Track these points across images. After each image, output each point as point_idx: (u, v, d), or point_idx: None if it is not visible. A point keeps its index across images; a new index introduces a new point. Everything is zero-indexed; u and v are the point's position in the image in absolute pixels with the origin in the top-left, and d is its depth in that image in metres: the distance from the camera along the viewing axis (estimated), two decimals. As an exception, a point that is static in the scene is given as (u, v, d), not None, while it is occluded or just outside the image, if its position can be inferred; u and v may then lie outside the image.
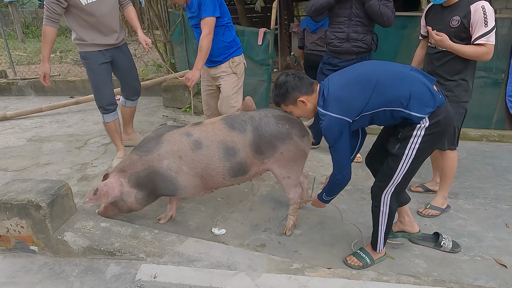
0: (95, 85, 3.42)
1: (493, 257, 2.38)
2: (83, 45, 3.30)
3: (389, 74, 2.01)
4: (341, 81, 2.06)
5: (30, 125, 4.80)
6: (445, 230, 2.62)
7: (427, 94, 1.96)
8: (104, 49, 3.33)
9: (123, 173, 2.46)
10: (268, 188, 3.23)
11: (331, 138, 2.03)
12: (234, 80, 3.22)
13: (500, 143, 4.07)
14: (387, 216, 2.23)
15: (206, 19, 2.92)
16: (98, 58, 3.33)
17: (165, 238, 2.35)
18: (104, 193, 2.39)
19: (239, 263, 2.15)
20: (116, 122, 3.59)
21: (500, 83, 4.23)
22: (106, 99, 3.46)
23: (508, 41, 4.08)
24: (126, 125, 3.98)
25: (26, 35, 12.34)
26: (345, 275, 2.03)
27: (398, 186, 2.15)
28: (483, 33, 2.40)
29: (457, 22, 2.48)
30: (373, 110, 1.99)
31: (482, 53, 2.46)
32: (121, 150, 3.66)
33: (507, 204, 2.93)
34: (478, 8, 2.40)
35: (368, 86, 1.97)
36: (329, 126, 2.00)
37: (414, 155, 2.03)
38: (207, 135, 2.40)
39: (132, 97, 3.76)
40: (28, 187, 2.35)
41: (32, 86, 6.28)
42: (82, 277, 2.17)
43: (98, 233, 2.36)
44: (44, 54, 3.26)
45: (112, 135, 3.62)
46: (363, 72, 2.06)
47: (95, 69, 3.35)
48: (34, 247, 2.36)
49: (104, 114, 3.53)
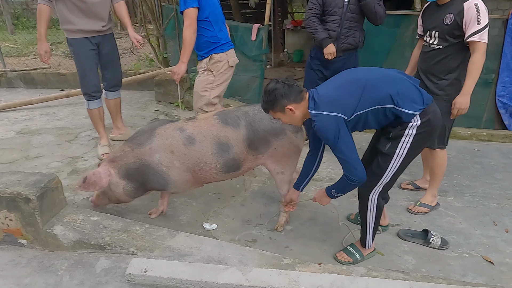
0: (81, 70, 3.44)
1: (481, 254, 2.42)
2: (70, 31, 3.32)
3: (376, 75, 2.03)
4: (330, 85, 2.07)
5: (19, 117, 4.74)
6: (434, 227, 2.66)
7: (414, 91, 1.99)
8: (91, 36, 3.36)
9: (113, 163, 2.46)
10: (260, 184, 3.23)
11: (329, 137, 1.95)
12: (207, 78, 3.16)
13: (489, 142, 4.12)
14: (375, 214, 2.25)
15: (185, 12, 2.90)
16: (86, 44, 3.36)
17: (156, 232, 2.34)
18: (92, 182, 2.40)
19: (230, 258, 2.15)
20: (100, 110, 3.63)
21: (490, 83, 4.28)
22: (92, 85, 3.48)
23: (499, 42, 4.12)
24: (114, 119, 3.94)
25: (16, 27, 12.13)
26: (335, 270, 2.04)
27: (386, 185, 2.17)
28: (476, 30, 2.40)
29: (450, 20, 2.50)
30: (366, 109, 1.97)
31: (481, 54, 2.44)
32: (104, 138, 3.69)
33: (495, 202, 2.97)
34: (471, 6, 2.42)
35: (358, 87, 1.97)
36: (323, 125, 1.94)
37: (405, 154, 2.04)
38: (200, 131, 2.39)
39: (113, 88, 3.73)
40: (18, 180, 2.33)
41: (21, 78, 6.19)
42: (71, 270, 2.16)
43: (89, 226, 2.34)
44: (41, 32, 3.26)
45: (96, 122, 3.66)
46: (352, 76, 2.07)
47: (82, 54, 3.38)
48: (23, 240, 2.33)
49: (89, 100, 3.55)
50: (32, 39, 9.93)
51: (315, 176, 3.33)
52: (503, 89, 4.20)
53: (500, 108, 4.25)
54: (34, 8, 14.27)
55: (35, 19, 11.76)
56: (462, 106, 2.55)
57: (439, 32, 2.59)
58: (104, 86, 3.74)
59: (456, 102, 2.56)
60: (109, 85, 3.72)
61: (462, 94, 2.54)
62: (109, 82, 3.70)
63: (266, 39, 4.56)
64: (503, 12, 6.16)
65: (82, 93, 3.58)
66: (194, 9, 2.90)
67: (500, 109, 4.25)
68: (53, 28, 12.19)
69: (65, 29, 3.35)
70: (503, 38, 4.08)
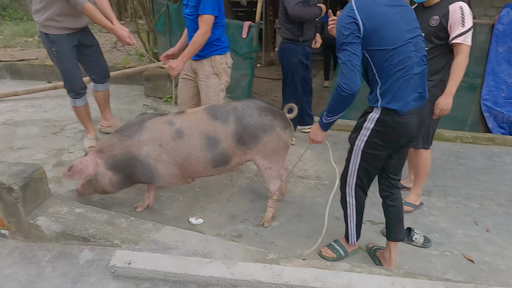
0: (66, 68, 3.31)
1: (462, 253, 2.47)
2: (53, 27, 3.15)
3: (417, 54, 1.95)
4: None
5: (4, 108, 4.65)
6: (417, 226, 2.70)
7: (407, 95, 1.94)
8: (72, 33, 3.24)
9: (100, 153, 2.44)
10: (247, 180, 3.24)
11: (340, 35, 1.87)
12: (215, 82, 3.10)
13: (473, 145, 4.20)
14: (355, 208, 2.28)
15: (205, 17, 2.84)
16: (70, 41, 3.24)
17: (141, 225, 2.33)
18: (78, 170, 2.37)
19: (215, 252, 2.15)
20: (87, 105, 3.56)
21: (476, 87, 4.37)
22: (78, 83, 3.39)
23: (485, 47, 4.21)
24: (103, 111, 3.87)
25: (3, 18, 11.92)
26: (319, 266, 2.06)
27: (358, 178, 2.18)
28: (460, 32, 2.46)
29: (436, 22, 2.54)
30: (374, 47, 1.89)
31: (465, 56, 2.50)
32: (91, 132, 3.62)
33: (477, 203, 3.03)
34: (456, 9, 2.47)
35: (393, 25, 1.88)
36: (342, 16, 1.88)
37: (363, 147, 2.07)
38: (189, 125, 2.39)
39: (102, 79, 3.65)
40: (1, 169, 2.29)
41: (7, 69, 6.07)
42: (54, 262, 2.13)
43: (73, 218, 2.32)
44: (107, 25, 3.12)
45: (83, 118, 3.58)
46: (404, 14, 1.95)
47: (67, 52, 3.24)
48: (4, 231, 2.30)
49: (76, 98, 3.45)
50: (19, 31, 9.76)
51: (302, 174, 3.37)
52: (488, 93, 4.29)
53: (485, 112, 4.34)
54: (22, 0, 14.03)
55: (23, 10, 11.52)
56: (445, 107, 2.60)
57: (425, 34, 2.59)
58: (92, 79, 3.66)
59: (438, 102, 2.61)
60: (98, 77, 3.64)
61: (445, 94, 2.59)
62: (98, 74, 3.62)
63: (257, 36, 4.57)
64: (490, 18, 6.31)
65: (67, 91, 3.44)
66: (213, 17, 2.87)
67: (485, 113, 4.34)
68: (41, 20, 11.99)
69: (46, 25, 3.15)
70: (489, 43, 4.16)
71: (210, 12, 2.83)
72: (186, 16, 3.04)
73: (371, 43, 1.89)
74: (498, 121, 4.34)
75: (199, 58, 3.09)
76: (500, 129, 4.34)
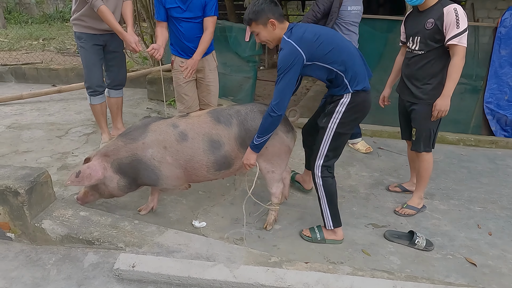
0: (87, 64, 3.46)
1: (464, 256, 2.47)
2: (80, 25, 3.36)
3: (347, 47, 2.33)
4: (310, 29, 2.28)
5: (9, 112, 4.70)
6: (419, 229, 2.70)
7: (364, 76, 2.34)
8: (99, 34, 3.38)
9: (106, 157, 2.44)
10: (250, 183, 3.24)
11: (284, 66, 2.18)
12: (216, 74, 3.45)
13: (476, 148, 4.19)
14: (324, 190, 2.46)
15: (213, 18, 3.14)
16: (93, 39, 3.40)
17: (145, 228, 2.35)
18: (87, 175, 2.36)
19: (218, 255, 2.17)
20: (103, 105, 3.64)
21: (479, 90, 4.36)
22: (96, 80, 3.50)
23: (488, 50, 4.21)
24: (114, 119, 3.89)
25: (8, 21, 12.02)
26: (322, 269, 2.07)
27: (326, 158, 2.42)
28: (455, 34, 2.47)
29: (431, 24, 2.56)
30: (323, 64, 2.25)
31: (460, 58, 2.51)
32: (106, 133, 3.70)
33: (480, 206, 3.03)
34: (451, 11, 2.48)
35: (330, 43, 2.24)
36: (286, 54, 2.17)
37: (335, 128, 2.36)
38: (193, 127, 2.41)
39: (116, 86, 3.72)
40: (6, 173, 2.32)
41: (12, 73, 6.13)
42: (59, 265, 2.16)
43: (77, 221, 2.35)
44: (118, 27, 3.23)
45: (98, 117, 3.66)
46: (330, 33, 2.35)
47: (88, 48, 3.41)
48: (10, 234, 2.33)
49: (92, 96, 3.55)
50: (24, 34, 9.85)
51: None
52: (491, 96, 4.28)
53: (488, 115, 4.33)
54: (27, 3, 14.15)
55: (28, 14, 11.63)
56: (442, 108, 2.61)
57: (421, 37, 2.64)
58: (107, 84, 3.72)
59: (436, 104, 2.62)
60: (113, 83, 3.70)
61: (443, 96, 2.60)
62: (113, 80, 3.69)
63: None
64: (493, 20, 6.30)
65: (85, 88, 3.58)
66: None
67: (488, 116, 4.33)
68: (46, 24, 12.12)
69: (75, 23, 3.38)
70: (492, 46, 4.16)
71: (216, 13, 3.15)
72: (186, 19, 3.11)
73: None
74: (501, 123, 4.33)
75: (204, 56, 3.26)
76: (503, 132, 4.33)
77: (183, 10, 3.08)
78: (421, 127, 2.76)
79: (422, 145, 2.79)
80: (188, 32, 3.15)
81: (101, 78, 3.56)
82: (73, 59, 7.00)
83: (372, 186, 3.29)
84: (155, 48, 3.08)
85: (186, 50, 3.23)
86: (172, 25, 3.18)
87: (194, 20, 3.13)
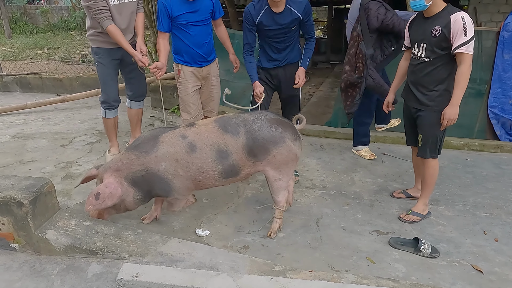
0: (104, 79, 3.49)
1: (470, 263, 2.44)
2: (97, 41, 3.39)
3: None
4: None
5: (14, 121, 4.74)
6: (425, 236, 2.68)
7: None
8: (116, 47, 3.38)
9: (119, 172, 2.41)
10: (253, 191, 3.25)
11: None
12: (219, 81, 3.50)
13: (481, 152, 4.16)
14: None
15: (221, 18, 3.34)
16: (111, 54, 3.43)
17: (148, 238, 2.35)
18: (108, 196, 2.33)
19: (222, 264, 2.16)
20: (116, 119, 3.68)
21: (483, 94, 4.34)
22: (113, 95, 3.54)
23: (492, 53, 4.19)
24: (133, 129, 3.91)
25: (14, 31, 12.16)
26: (326, 277, 2.06)
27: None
28: (463, 42, 2.45)
29: (438, 32, 2.55)
30: None
31: (468, 66, 2.50)
32: (115, 147, 3.71)
33: (485, 212, 3.00)
34: (458, 19, 2.47)
35: None
36: None
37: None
38: (200, 137, 2.41)
39: (138, 98, 3.75)
40: (11, 184, 2.33)
41: (18, 83, 6.19)
42: (63, 275, 2.16)
43: (81, 231, 2.35)
44: (126, 46, 3.25)
45: (110, 131, 3.69)
46: None
47: (106, 63, 3.44)
48: (15, 244, 2.33)
49: (107, 110, 3.58)
50: (29, 43, 9.96)
51: (308, 184, 3.37)
52: (495, 100, 4.25)
53: (492, 119, 4.30)
54: (32, 13, 14.32)
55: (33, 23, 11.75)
56: (451, 117, 2.60)
57: (427, 44, 2.62)
58: (128, 96, 3.76)
59: (445, 113, 2.61)
60: (134, 95, 3.74)
61: (451, 105, 2.59)
62: (135, 92, 3.72)
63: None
64: (496, 24, 6.29)
65: (100, 102, 3.60)
66: None
67: (492, 120, 4.30)
68: (50, 33, 12.24)
69: (92, 39, 3.40)
70: (495, 50, 4.15)
71: (222, 12, 3.29)
72: (194, 23, 3.13)
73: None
74: (506, 128, 4.30)
75: (208, 63, 3.33)
76: (508, 136, 4.29)
77: (192, 14, 3.09)
78: (428, 133, 2.75)
79: (429, 152, 2.77)
80: (197, 36, 3.16)
81: (117, 93, 3.58)
82: (77, 68, 7.06)
83: (376, 192, 3.28)
84: (158, 68, 3.12)
85: (195, 57, 3.22)
86: (179, 32, 3.16)
87: (203, 23, 3.16)
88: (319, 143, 4.28)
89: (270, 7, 2.94)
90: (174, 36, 3.22)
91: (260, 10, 2.97)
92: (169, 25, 3.11)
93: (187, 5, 3.05)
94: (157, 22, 3.17)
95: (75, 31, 12.86)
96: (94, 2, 3.09)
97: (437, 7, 2.57)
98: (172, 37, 3.25)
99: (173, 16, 3.07)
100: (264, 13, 2.96)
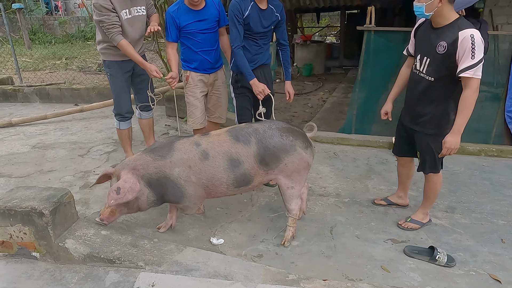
0: (117, 92, 3.56)
1: (488, 272, 2.41)
2: (109, 54, 3.44)
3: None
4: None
5: (34, 132, 4.88)
6: (440, 244, 2.65)
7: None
8: (127, 59, 3.43)
9: (135, 170, 2.45)
10: (267, 199, 3.27)
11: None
12: (226, 88, 3.51)
13: (498, 158, 4.09)
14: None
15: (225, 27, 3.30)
16: (123, 67, 3.49)
17: (164, 247, 2.39)
18: (129, 189, 2.36)
19: (236, 273, 2.19)
20: (130, 130, 3.76)
21: (500, 98, 4.27)
22: (126, 106, 3.61)
23: (509, 57, 4.13)
24: (147, 139, 3.98)
25: (33, 42, 12.52)
26: (340, 286, 2.06)
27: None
28: (470, 65, 2.20)
29: (443, 49, 2.32)
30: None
31: (474, 91, 2.26)
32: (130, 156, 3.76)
33: (503, 220, 2.96)
34: (467, 37, 2.20)
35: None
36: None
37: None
38: (213, 146, 2.46)
39: (147, 107, 3.81)
40: (32, 195, 2.41)
41: (37, 93, 6.38)
42: (81, 284, 2.21)
43: (99, 240, 2.41)
44: (139, 59, 3.30)
45: (124, 141, 3.77)
46: None
47: (119, 76, 3.50)
48: (36, 253, 2.40)
49: (121, 121, 3.65)
50: (48, 54, 10.23)
51: (322, 192, 3.37)
52: (512, 105, 4.18)
53: (510, 124, 4.23)
54: (50, 24, 14.72)
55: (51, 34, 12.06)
56: (453, 146, 2.39)
57: (430, 60, 2.42)
58: (138, 106, 3.82)
59: (446, 141, 2.40)
60: (144, 106, 3.79)
61: (453, 133, 2.38)
62: (143, 102, 3.78)
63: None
64: (513, 26, 6.17)
65: (114, 114, 3.67)
66: None
67: (510, 125, 4.23)
68: (68, 43, 12.54)
69: (103, 52, 3.46)
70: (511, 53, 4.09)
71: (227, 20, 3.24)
72: (202, 31, 3.20)
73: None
74: (524, 133, 4.23)
75: (215, 70, 3.41)
76: (527, 141, 4.22)
77: (199, 22, 3.16)
78: (425, 153, 2.64)
79: (428, 168, 2.68)
80: (205, 43, 3.23)
81: (130, 105, 3.65)
82: (94, 78, 7.23)
83: (391, 200, 3.25)
84: (173, 78, 3.20)
85: (203, 63, 3.28)
86: (187, 40, 3.23)
87: (210, 31, 3.23)
88: (333, 150, 4.28)
89: (256, 3, 3.01)
90: (182, 45, 3.31)
91: (248, 4, 3.02)
92: (177, 35, 3.19)
93: (194, 14, 3.14)
94: (166, 33, 3.25)
95: (92, 40, 13.16)
96: (108, 17, 3.15)
97: (445, 20, 2.33)
98: (181, 46, 3.34)
99: (181, 26, 3.15)
100: (251, 8, 3.02)
